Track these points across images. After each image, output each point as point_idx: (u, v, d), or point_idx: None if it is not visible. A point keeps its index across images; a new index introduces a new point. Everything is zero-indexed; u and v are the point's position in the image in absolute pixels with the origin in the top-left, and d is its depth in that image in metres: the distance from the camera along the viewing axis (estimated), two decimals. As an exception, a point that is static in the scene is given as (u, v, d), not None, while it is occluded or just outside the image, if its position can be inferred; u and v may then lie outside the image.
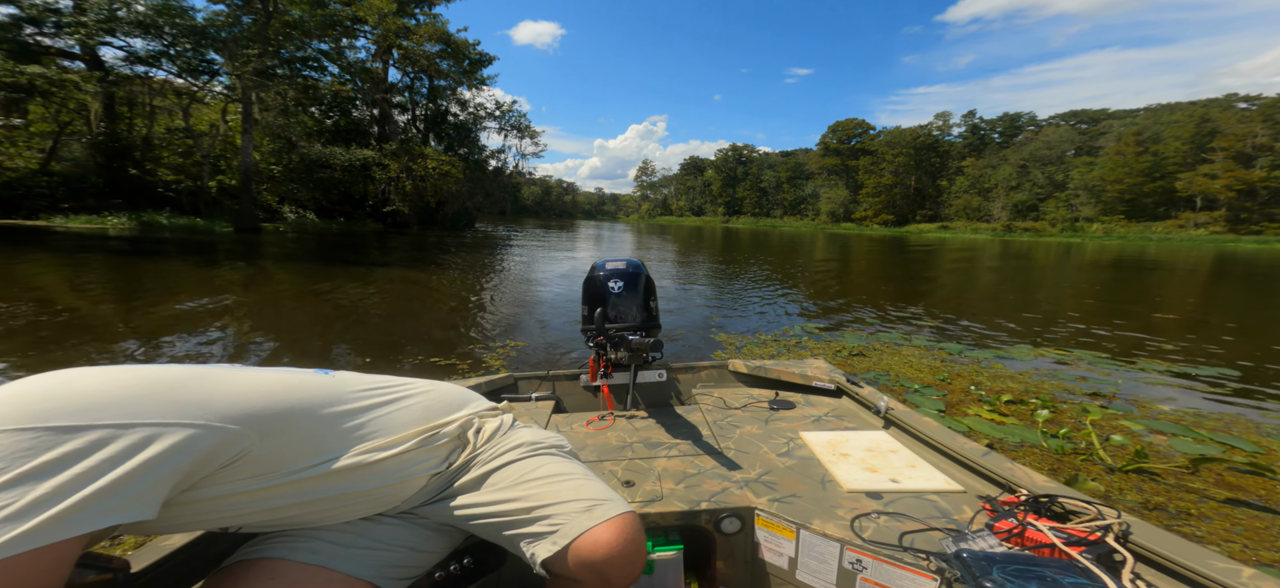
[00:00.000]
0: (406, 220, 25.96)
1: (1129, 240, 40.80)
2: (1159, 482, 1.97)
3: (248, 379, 0.63)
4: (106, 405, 0.50)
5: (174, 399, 0.54)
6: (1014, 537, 0.85)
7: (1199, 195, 49.83)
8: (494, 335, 4.57)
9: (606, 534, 0.73)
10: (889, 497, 1.04)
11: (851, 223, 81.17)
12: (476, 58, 31.20)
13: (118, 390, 0.52)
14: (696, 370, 1.82)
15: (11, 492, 0.44)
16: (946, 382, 3.28)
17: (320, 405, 0.68)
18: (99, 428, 0.49)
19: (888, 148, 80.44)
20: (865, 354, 4.01)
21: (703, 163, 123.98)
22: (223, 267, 8.41)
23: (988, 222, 65.39)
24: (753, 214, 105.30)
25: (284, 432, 0.63)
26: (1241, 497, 1.85)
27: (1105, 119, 64.86)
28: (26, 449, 0.45)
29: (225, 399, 0.58)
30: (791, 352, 4.07)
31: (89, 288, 5.89)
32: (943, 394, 3.01)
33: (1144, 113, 60.68)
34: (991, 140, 76.54)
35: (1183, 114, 53.96)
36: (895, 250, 20.11)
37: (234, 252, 10.86)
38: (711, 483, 1.11)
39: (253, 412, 0.60)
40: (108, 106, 18.25)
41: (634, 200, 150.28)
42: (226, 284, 6.62)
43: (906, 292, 8.09)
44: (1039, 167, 63.62)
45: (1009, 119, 75.69)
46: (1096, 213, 56.26)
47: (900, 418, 1.36)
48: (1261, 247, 34.05)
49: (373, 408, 0.75)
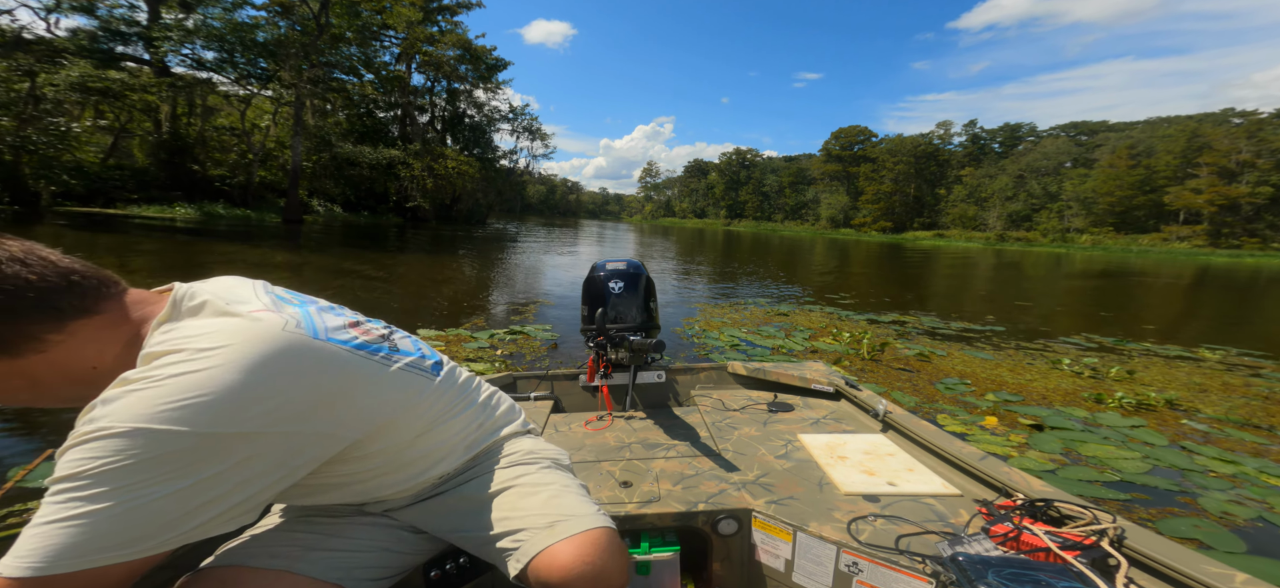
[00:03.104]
0: (426, 215, 28.26)
1: (1112, 252, 42.22)
2: (880, 363, 4.07)
3: (378, 391, 0.66)
4: (251, 407, 0.53)
5: (311, 404, 0.58)
6: (1010, 541, 0.85)
7: (1183, 210, 51.17)
8: (520, 304, 6.75)
9: (567, 552, 0.69)
10: (886, 500, 1.05)
11: (850, 229, 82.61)
12: (493, 63, 33.50)
13: (265, 387, 0.54)
14: (695, 372, 1.83)
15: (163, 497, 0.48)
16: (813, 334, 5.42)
17: (422, 425, 0.73)
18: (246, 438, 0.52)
19: (889, 156, 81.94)
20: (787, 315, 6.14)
21: (707, 166, 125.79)
22: (281, 249, 10.72)
23: (982, 231, 66.74)
24: (754, 218, 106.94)
25: (386, 436, 0.68)
26: (908, 367, 3.99)
27: (1104, 131, 66.10)
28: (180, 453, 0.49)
29: (355, 415, 0.63)
30: (746, 314, 6.21)
31: (205, 260, 8.17)
32: (808, 332, 5.16)
33: (1141, 125, 61.86)
34: (991, 150, 77.84)
35: (1176, 128, 55.20)
36: (890, 257, 21.52)
37: (286, 238, 13.22)
38: (709, 484, 1.12)
39: (373, 428, 0.65)
40: (172, 108, 20.67)
41: (637, 201, 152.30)
42: (287, 263, 8.88)
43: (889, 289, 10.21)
44: (1036, 177, 64.97)
45: (1009, 129, 77.01)
46: (1087, 224, 57.63)
47: (898, 421, 1.37)
48: (1233, 260, 35.60)
49: (448, 417, 0.77)
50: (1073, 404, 3.08)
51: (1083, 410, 2.96)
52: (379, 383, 0.67)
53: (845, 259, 18.30)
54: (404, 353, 0.73)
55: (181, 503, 0.49)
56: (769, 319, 5.69)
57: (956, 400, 3.09)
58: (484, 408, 0.85)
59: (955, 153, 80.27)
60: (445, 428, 0.77)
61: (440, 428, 0.76)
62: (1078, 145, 65.61)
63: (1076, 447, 2.42)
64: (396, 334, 0.77)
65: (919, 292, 9.47)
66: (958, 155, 79.79)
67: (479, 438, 0.83)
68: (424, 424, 0.74)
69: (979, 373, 3.76)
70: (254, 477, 0.54)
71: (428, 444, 0.75)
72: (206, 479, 0.50)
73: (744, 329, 5.02)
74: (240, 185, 22.19)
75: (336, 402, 0.61)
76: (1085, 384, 3.50)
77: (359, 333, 0.69)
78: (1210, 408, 3.11)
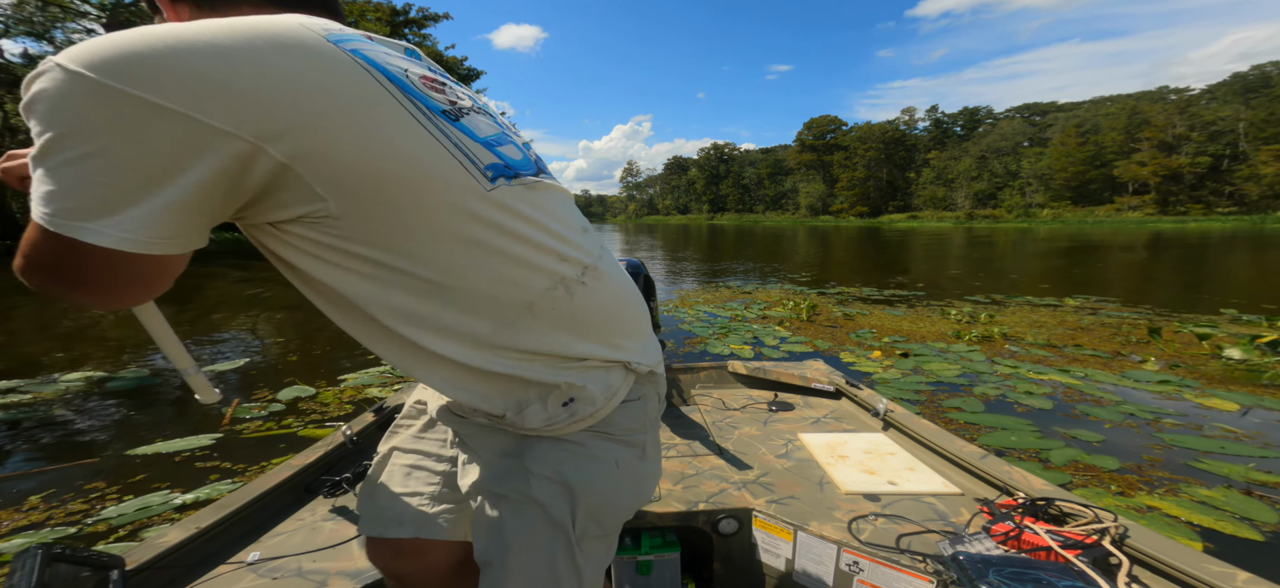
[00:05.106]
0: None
1: (1070, 225, 44.87)
2: (814, 323, 5.19)
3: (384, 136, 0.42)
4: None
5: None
6: (1011, 540, 0.86)
7: (1131, 181, 54.67)
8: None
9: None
10: (887, 499, 1.05)
11: (829, 215, 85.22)
12: (465, 73, 34.06)
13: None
14: (696, 371, 1.84)
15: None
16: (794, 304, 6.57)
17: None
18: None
19: (860, 143, 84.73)
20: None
21: (686, 162, 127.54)
22: (267, 266, 11.40)
23: (952, 211, 69.75)
24: (736, 210, 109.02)
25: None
26: (835, 324, 5.14)
27: (1053, 112, 69.79)
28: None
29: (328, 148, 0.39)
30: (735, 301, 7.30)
31: (198, 284, 8.92)
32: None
33: (1088, 105, 65.59)
34: (954, 133, 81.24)
35: (1118, 106, 58.85)
36: (866, 242, 22.87)
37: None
38: (709, 484, 1.12)
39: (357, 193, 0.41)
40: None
41: (620, 201, 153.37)
42: (274, 276, 9.66)
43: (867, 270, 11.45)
44: (996, 157, 68.29)
45: (969, 113, 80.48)
46: (1047, 199, 60.97)
47: (899, 420, 1.37)
48: (1178, 226, 38.48)
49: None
50: (940, 340, 4.26)
51: (943, 344, 4.14)
52: (395, 123, 0.42)
53: (824, 246, 19.66)
54: (476, 137, 0.48)
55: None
56: (735, 297, 6.81)
57: (860, 343, 4.24)
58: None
59: (921, 137, 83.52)
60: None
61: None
62: (1032, 125, 69.20)
63: (922, 365, 3.57)
64: (486, 119, 0.52)
65: (875, 270, 10.76)
66: (923, 140, 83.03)
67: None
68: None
69: (886, 324, 4.94)
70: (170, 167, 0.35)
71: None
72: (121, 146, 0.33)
73: (712, 306, 6.13)
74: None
75: (307, 118, 0.38)
76: (960, 327, 4.70)
77: (423, 84, 0.47)
78: (1031, 336, 4.34)
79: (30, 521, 1.74)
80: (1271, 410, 2.65)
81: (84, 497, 1.89)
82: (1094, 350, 3.88)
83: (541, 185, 0.54)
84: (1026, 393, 2.95)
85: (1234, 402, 2.76)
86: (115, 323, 5.07)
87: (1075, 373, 3.30)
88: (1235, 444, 2.26)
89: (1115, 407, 2.72)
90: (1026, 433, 2.40)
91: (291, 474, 1.15)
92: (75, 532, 1.68)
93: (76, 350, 4.11)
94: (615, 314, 0.57)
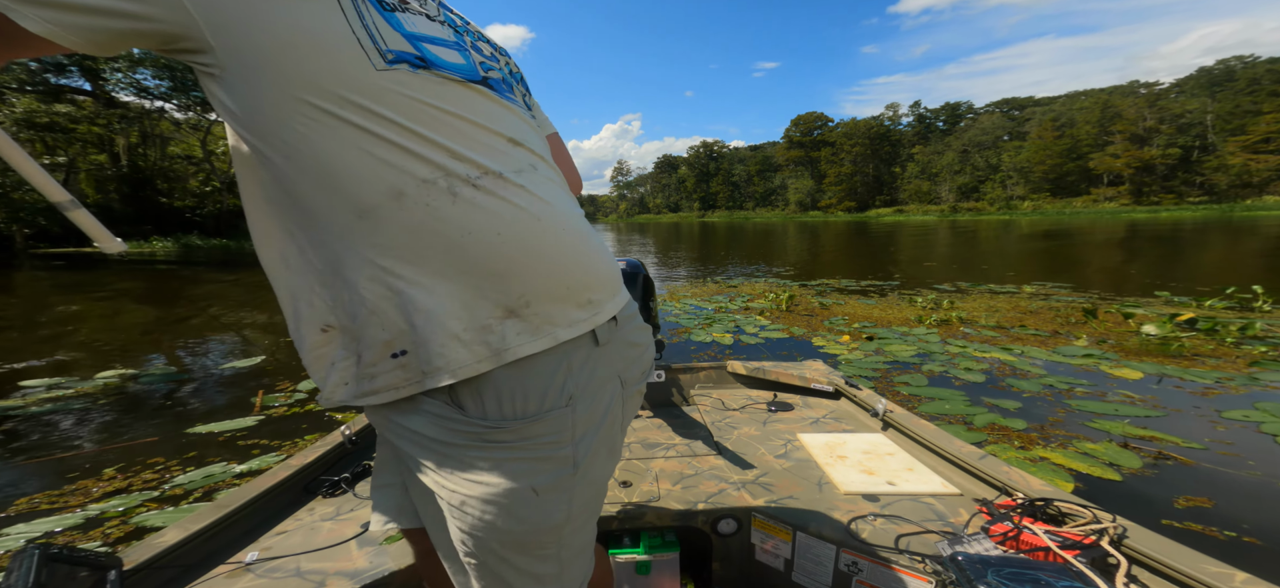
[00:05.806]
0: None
1: (1050, 216, 46.09)
2: (793, 312, 5.59)
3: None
4: None
5: None
6: (1009, 540, 0.86)
7: (1106, 173, 56.43)
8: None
9: None
10: (886, 499, 1.05)
11: (818, 211, 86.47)
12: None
13: None
14: (695, 371, 1.85)
15: None
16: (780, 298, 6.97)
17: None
18: None
19: (846, 139, 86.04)
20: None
21: (676, 160, 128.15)
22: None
23: (937, 204, 71.22)
24: (727, 207, 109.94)
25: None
26: (811, 312, 5.55)
27: (1031, 106, 71.61)
28: None
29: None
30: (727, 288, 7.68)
31: (194, 294, 9.10)
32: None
33: (1063, 99, 67.42)
34: (937, 128, 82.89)
35: (1091, 101, 60.63)
36: (854, 236, 23.32)
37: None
38: (709, 484, 1.12)
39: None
40: (127, 140, 20.60)
41: (611, 201, 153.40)
42: (265, 282, 9.86)
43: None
44: (978, 152, 69.92)
45: (950, 108, 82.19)
46: (1027, 192, 62.65)
47: (898, 421, 1.38)
48: (1151, 215, 39.91)
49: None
50: (904, 325, 4.69)
51: (906, 328, 4.57)
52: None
53: (814, 241, 20.17)
54: (399, 27, 0.45)
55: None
56: (721, 290, 7.21)
57: (831, 329, 4.65)
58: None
59: (905, 133, 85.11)
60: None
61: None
62: (1010, 120, 70.95)
63: (884, 347, 3.98)
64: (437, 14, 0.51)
65: (857, 263, 11.25)
66: (908, 135, 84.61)
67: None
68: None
69: (858, 312, 5.36)
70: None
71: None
72: None
73: (698, 299, 6.51)
74: (212, 215, 22.30)
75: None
76: (923, 312, 5.14)
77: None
78: (985, 319, 4.79)
79: (115, 487, 2.04)
80: (1171, 377, 3.10)
81: (152, 469, 2.20)
82: (1036, 331, 4.33)
83: (470, 87, 0.47)
84: (966, 369, 3.37)
85: (1140, 371, 3.20)
86: (119, 327, 5.29)
87: (1014, 350, 3.74)
88: (1129, 407, 2.69)
89: (1038, 379, 3.14)
90: (958, 402, 2.81)
91: (290, 474, 1.16)
92: (158, 495, 1.99)
93: (97, 350, 4.37)
94: (527, 247, 0.45)
